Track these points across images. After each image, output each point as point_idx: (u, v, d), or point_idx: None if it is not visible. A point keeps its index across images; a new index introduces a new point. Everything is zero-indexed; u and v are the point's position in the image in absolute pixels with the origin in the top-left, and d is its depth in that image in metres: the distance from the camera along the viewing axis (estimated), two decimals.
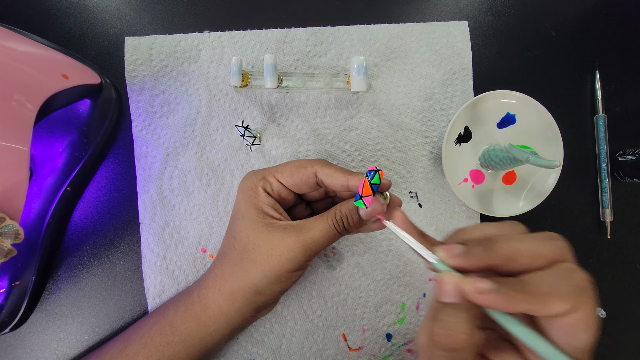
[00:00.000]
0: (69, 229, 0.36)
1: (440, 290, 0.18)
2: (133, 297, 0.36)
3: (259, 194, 0.29)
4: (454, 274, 0.19)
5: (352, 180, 0.27)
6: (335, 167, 0.29)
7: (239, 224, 0.29)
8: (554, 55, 0.40)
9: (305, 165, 0.29)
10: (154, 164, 0.37)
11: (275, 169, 0.30)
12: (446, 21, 0.39)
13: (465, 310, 0.18)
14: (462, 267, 0.19)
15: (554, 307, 0.17)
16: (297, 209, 0.33)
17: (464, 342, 0.17)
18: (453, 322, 0.18)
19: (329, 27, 0.39)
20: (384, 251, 0.38)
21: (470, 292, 0.17)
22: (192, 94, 0.38)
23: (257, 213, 0.29)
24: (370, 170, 0.25)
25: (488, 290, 0.17)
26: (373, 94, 0.39)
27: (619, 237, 0.39)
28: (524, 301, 0.17)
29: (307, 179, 0.29)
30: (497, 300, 0.17)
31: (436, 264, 0.20)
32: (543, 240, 0.18)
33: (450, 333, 0.17)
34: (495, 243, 0.19)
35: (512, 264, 0.18)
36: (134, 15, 0.38)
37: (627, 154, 0.38)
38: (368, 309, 0.37)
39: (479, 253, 0.18)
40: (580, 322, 0.17)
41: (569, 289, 0.17)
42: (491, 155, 0.35)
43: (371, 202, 0.24)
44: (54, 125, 0.34)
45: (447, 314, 0.18)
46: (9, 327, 0.33)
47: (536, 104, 0.35)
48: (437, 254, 0.20)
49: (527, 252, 0.18)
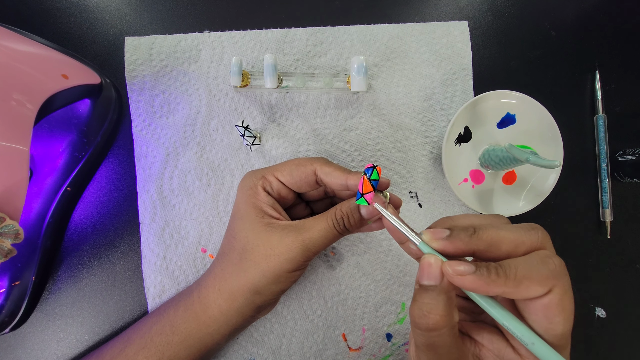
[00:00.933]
0: (69, 229, 0.36)
1: (421, 273, 0.19)
2: (133, 297, 0.36)
3: (259, 193, 0.29)
4: (435, 256, 0.20)
5: (350, 179, 0.27)
6: (334, 165, 0.29)
7: (239, 224, 0.29)
8: (554, 55, 0.40)
9: (305, 164, 0.29)
10: (154, 164, 0.37)
11: (275, 168, 0.30)
12: (446, 21, 0.39)
13: (444, 292, 0.19)
14: (446, 250, 0.20)
15: (530, 290, 0.18)
16: (296, 209, 0.33)
17: (440, 323, 0.18)
18: (430, 304, 0.19)
19: (329, 27, 0.39)
20: (384, 251, 0.38)
21: (450, 274, 0.18)
22: (192, 94, 0.38)
23: (256, 212, 0.29)
24: (367, 167, 0.25)
25: (467, 272, 0.18)
26: (373, 94, 0.39)
27: (619, 237, 0.39)
28: (501, 284, 0.18)
29: (307, 177, 0.29)
30: (476, 283, 0.18)
31: (420, 246, 0.21)
32: (525, 230, 0.19)
33: (426, 314, 0.19)
34: (479, 230, 0.19)
35: (495, 251, 0.19)
36: (134, 15, 0.38)
37: (627, 154, 0.38)
38: (368, 309, 0.37)
39: (464, 238, 0.19)
40: (554, 304, 0.18)
41: (544, 272, 0.18)
42: (491, 155, 0.35)
43: (372, 199, 0.25)
44: (54, 125, 0.34)
45: (425, 297, 0.19)
46: (9, 327, 0.33)
47: (536, 104, 0.35)
48: (422, 237, 0.21)
49: (509, 239, 0.19)
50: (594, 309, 0.39)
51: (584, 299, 0.39)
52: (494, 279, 0.18)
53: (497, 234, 0.19)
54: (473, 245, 0.19)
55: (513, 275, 0.18)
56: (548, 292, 0.18)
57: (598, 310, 0.39)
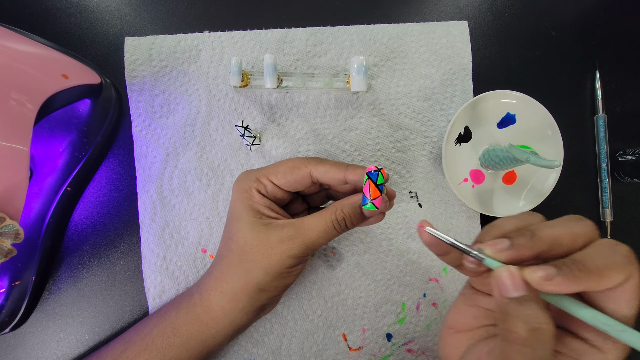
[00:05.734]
0: (69, 229, 0.36)
1: (503, 287, 0.18)
2: (133, 297, 0.36)
3: (254, 196, 0.29)
4: (511, 267, 0.18)
5: (349, 174, 0.27)
6: (328, 162, 0.29)
7: (236, 225, 0.29)
8: (554, 55, 0.40)
9: (299, 166, 0.29)
10: (154, 164, 0.37)
11: (269, 171, 0.30)
12: (446, 21, 0.39)
13: (536, 300, 0.18)
14: (513, 259, 0.18)
15: (613, 279, 0.17)
16: (294, 205, 0.33)
17: (550, 331, 0.17)
18: (532, 314, 0.17)
19: (329, 27, 0.39)
20: (384, 251, 0.38)
21: (535, 281, 0.17)
22: (192, 94, 0.38)
23: (253, 214, 0.29)
24: (370, 170, 0.25)
25: (553, 276, 0.17)
26: (373, 94, 0.39)
27: (619, 237, 0.39)
28: (585, 279, 0.17)
29: (302, 180, 0.29)
30: (563, 284, 0.17)
31: (487, 262, 0.19)
32: (574, 222, 0.19)
33: (534, 326, 0.17)
34: (537, 231, 0.19)
35: (557, 248, 0.18)
36: (134, 15, 0.38)
37: (627, 154, 0.38)
38: (368, 309, 0.37)
39: (526, 242, 0.18)
40: (633, 289, 0.18)
41: (620, 260, 0.18)
42: (491, 155, 0.35)
43: (381, 204, 0.25)
44: (54, 125, 0.34)
45: (524, 309, 0.17)
46: (9, 327, 0.33)
47: (536, 104, 0.35)
48: (484, 252, 0.19)
49: (567, 234, 0.18)
50: None
51: None
52: (578, 275, 0.17)
53: (554, 232, 0.18)
54: (537, 248, 0.18)
55: (594, 268, 0.17)
56: (627, 278, 0.18)
57: None
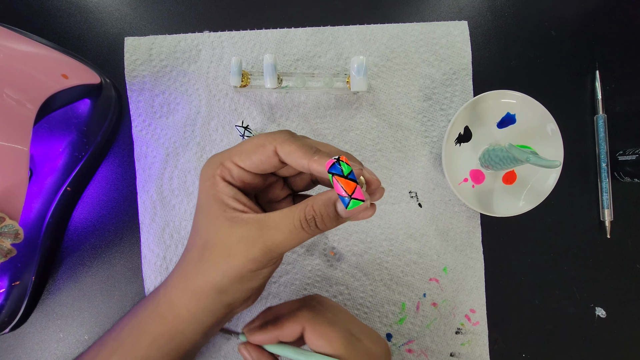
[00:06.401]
0: (69, 229, 0.36)
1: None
2: (133, 297, 0.36)
3: (217, 183, 0.25)
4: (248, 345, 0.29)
5: (314, 163, 0.22)
6: (297, 143, 0.23)
7: (200, 219, 0.26)
8: (554, 55, 0.40)
9: (264, 143, 0.24)
10: (154, 164, 0.37)
11: (232, 152, 0.25)
12: (446, 21, 0.39)
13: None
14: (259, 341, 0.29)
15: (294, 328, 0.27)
16: (273, 189, 0.28)
17: None
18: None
19: (329, 27, 0.39)
20: (384, 251, 0.38)
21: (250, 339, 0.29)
22: (192, 94, 0.38)
23: (217, 206, 0.25)
24: (330, 164, 0.21)
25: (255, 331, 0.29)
26: (373, 94, 0.39)
27: (619, 237, 0.39)
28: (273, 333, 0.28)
29: (268, 159, 0.24)
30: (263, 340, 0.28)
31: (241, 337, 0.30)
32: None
33: None
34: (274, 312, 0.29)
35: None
36: (134, 15, 0.38)
37: (627, 154, 0.38)
38: (368, 309, 0.37)
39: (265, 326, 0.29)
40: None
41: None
42: (491, 155, 0.35)
43: (362, 193, 0.21)
44: (54, 125, 0.34)
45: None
46: (9, 327, 0.33)
47: (536, 104, 0.35)
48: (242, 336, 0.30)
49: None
50: (594, 309, 0.39)
51: (584, 299, 0.39)
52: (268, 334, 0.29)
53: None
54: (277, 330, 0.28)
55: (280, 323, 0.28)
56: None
57: (598, 310, 0.39)
